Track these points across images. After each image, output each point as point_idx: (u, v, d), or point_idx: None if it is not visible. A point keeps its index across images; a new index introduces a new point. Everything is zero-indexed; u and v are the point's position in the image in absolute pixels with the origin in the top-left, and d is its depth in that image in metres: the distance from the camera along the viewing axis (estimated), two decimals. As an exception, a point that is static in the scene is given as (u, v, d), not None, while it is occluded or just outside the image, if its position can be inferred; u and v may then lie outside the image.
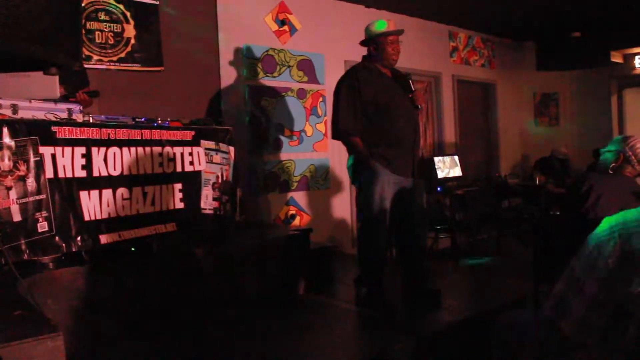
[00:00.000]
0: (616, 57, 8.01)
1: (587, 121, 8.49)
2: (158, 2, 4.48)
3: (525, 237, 6.86)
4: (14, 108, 2.72)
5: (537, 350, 1.73)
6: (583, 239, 1.59)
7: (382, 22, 3.49)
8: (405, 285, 3.61)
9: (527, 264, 3.78)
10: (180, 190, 3.35)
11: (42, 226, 2.63)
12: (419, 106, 3.57)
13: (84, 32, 4.05)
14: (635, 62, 8.11)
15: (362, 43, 3.58)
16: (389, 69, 3.55)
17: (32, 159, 2.60)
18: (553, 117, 8.81)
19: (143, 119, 3.36)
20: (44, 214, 2.63)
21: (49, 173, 2.67)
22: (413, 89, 3.52)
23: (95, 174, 2.89)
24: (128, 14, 4.34)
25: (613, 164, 2.93)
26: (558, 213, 5.08)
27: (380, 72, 3.51)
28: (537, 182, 7.36)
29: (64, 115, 2.91)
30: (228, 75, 4.97)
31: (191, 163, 3.44)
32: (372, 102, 3.38)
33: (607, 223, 1.53)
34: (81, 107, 3.06)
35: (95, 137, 2.90)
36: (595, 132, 8.24)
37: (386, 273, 3.56)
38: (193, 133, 3.48)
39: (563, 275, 1.61)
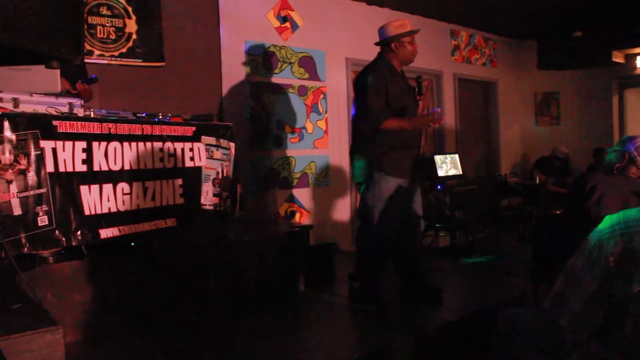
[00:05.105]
0: (618, 57, 8.00)
1: (588, 121, 8.48)
2: (160, -3, 4.48)
3: (525, 236, 6.87)
4: (15, 102, 2.71)
5: (536, 347, 1.74)
6: (583, 237, 1.59)
7: (402, 21, 3.53)
8: (406, 283, 3.62)
9: (527, 262, 3.78)
10: (180, 186, 3.35)
11: (43, 220, 2.63)
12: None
13: (85, 26, 4.04)
14: (636, 62, 8.09)
15: (381, 42, 3.56)
16: (401, 68, 3.57)
17: (32, 153, 2.59)
18: (554, 117, 8.80)
19: (144, 114, 3.36)
20: (45, 208, 2.63)
21: (50, 167, 2.67)
22: (423, 92, 3.57)
23: (96, 168, 2.89)
24: (130, 9, 4.34)
25: (618, 164, 2.92)
26: (558, 212, 5.08)
27: (398, 72, 3.53)
28: (537, 181, 7.36)
29: (65, 109, 2.90)
30: (229, 72, 4.96)
31: (192, 159, 3.44)
32: (391, 104, 3.39)
33: (608, 221, 1.53)
34: (82, 102, 3.05)
35: (96, 132, 2.90)
36: (596, 132, 8.23)
37: (386, 271, 3.57)
38: (194, 129, 3.47)
39: (563, 272, 1.61)
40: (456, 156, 6.78)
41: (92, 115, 3.00)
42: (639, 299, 1.40)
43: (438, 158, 6.50)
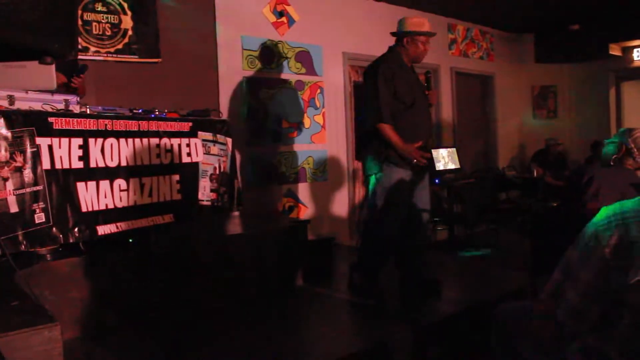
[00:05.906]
0: (615, 50, 8.00)
1: (585, 114, 8.49)
2: (155, -7, 4.46)
3: (523, 229, 6.88)
4: (11, 99, 2.70)
5: (534, 339, 1.74)
6: (580, 229, 1.60)
7: (422, 20, 3.55)
8: (405, 276, 3.62)
9: (525, 255, 3.79)
10: (177, 182, 3.34)
11: (39, 217, 2.62)
12: (431, 104, 3.66)
13: (81, 23, 4.03)
14: (633, 55, 8.10)
15: (396, 34, 3.56)
16: (411, 64, 3.58)
17: (28, 150, 2.58)
18: (551, 110, 8.80)
19: (140, 110, 3.35)
20: (41, 205, 2.62)
21: (46, 164, 2.65)
22: (431, 87, 3.63)
23: (93, 165, 2.88)
24: (125, 5, 4.32)
25: (615, 156, 2.93)
26: (556, 205, 5.09)
27: (407, 67, 3.54)
28: (535, 174, 7.37)
29: (61, 106, 2.89)
30: (226, 67, 4.95)
31: (188, 154, 3.43)
32: (401, 98, 3.40)
33: (604, 213, 1.53)
34: (78, 98, 3.04)
35: (92, 128, 2.89)
36: (593, 125, 8.25)
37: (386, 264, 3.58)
38: (190, 124, 3.47)
39: (560, 264, 1.61)
40: (454, 150, 6.76)
41: (88, 112, 2.99)
42: (636, 290, 1.40)
43: (436, 152, 6.48)
